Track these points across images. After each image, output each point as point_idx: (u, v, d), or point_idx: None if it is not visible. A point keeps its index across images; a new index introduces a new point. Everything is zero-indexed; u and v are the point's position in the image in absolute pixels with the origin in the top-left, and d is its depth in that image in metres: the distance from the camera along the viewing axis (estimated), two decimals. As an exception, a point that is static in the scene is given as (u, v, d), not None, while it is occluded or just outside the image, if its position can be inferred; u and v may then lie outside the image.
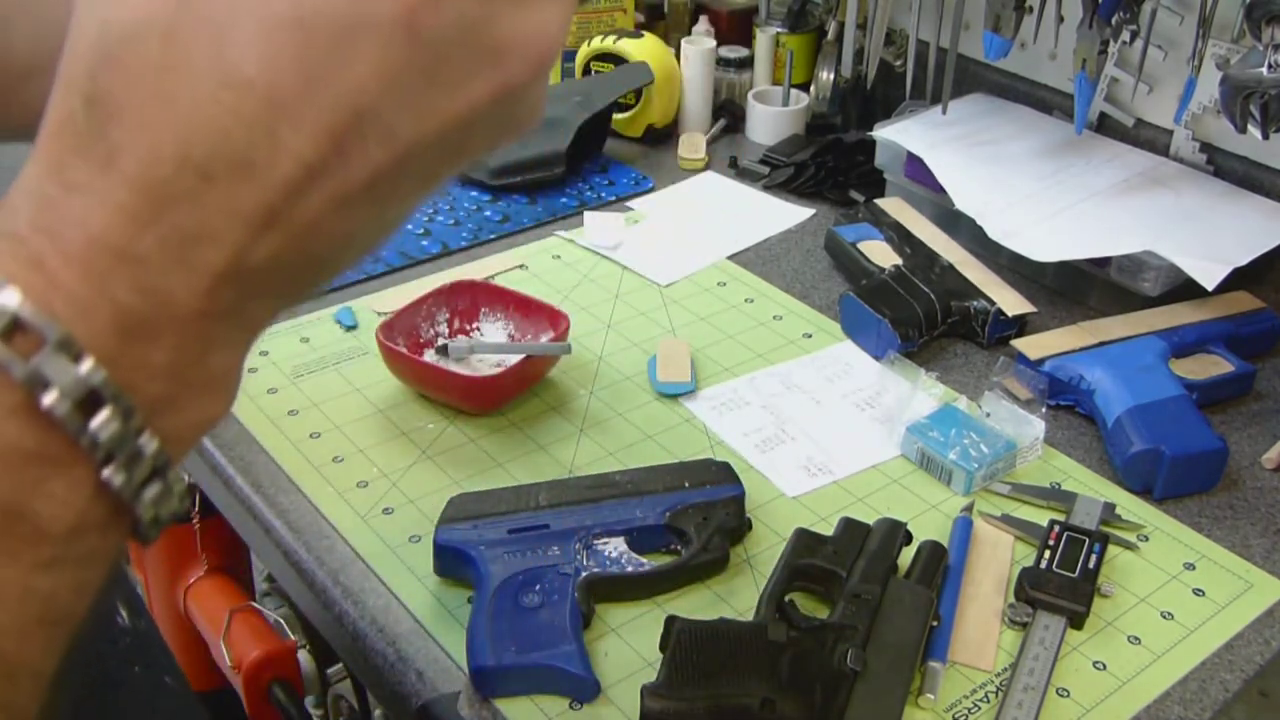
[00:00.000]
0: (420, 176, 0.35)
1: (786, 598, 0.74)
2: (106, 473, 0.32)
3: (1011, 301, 1.04)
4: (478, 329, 1.01)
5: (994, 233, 1.07)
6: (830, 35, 1.44)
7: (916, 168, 1.18)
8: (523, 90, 0.34)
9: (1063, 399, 0.97)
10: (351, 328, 1.05)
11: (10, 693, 0.32)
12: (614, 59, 1.39)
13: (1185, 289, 1.02)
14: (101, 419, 0.31)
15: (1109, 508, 0.85)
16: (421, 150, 0.33)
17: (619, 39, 1.39)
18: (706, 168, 1.36)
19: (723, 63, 1.46)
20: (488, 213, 1.24)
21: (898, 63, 1.36)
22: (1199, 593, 0.80)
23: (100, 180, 0.31)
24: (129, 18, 0.31)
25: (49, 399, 0.30)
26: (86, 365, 0.31)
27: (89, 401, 0.31)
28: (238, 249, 0.32)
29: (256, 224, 0.32)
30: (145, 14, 0.31)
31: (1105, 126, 1.24)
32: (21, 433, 0.31)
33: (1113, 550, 0.82)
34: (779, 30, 1.45)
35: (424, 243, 1.18)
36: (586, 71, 1.41)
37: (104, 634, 0.67)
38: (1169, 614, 0.78)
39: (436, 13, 0.32)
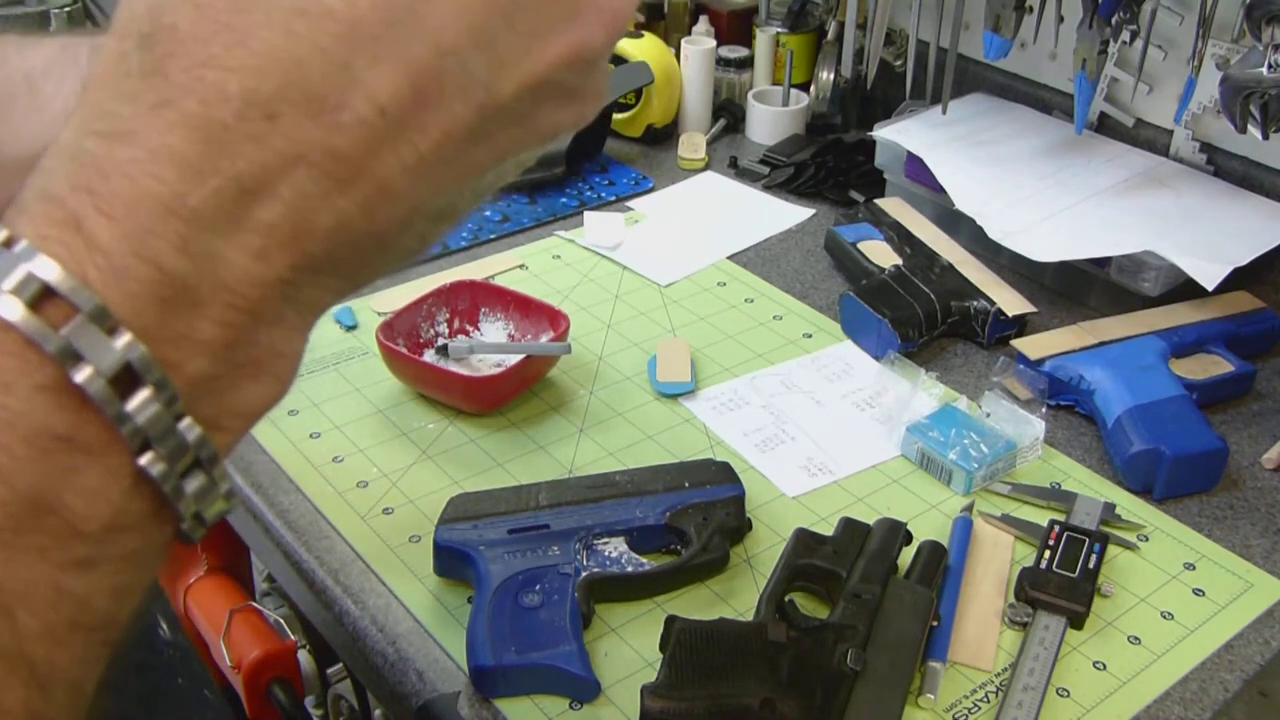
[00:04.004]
0: (490, 147, 0.33)
1: (786, 598, 0.74)
2: (144, 460, 0.29)
3: (1011, 301, 1.04)
4: (478, 329, 1.01)
5: (994, 233, 1.07)
6: (830, 35, 1.44)
7: (916, 168, 1.18)
8: (594, 55, 0.33)
9: (1063, 399, 0.96)
10: (351, 328, 1.05)
11: (42, 704, 0.29)
12: (614, 59, 1.39)
13: (1185, 289, 1.02)
14: (140, 399, 0.29)
15: (1109, 508, 0.85)
16: (496, 111, 0.32)
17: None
18: (706, 168, 1.36)
19: (723, 63, 1.46)
20: (487, 212, 1.24)
21: (898, 63, 1.36)
22: (1199, 593, 0.80)
23: (151, 125, 0.29)
24: None
25: (81, 375, 0.28)
26: (123, 339, 0.28)
27: (125, 379, 0.28)
28: (297, 204, 0.29)
29: (322, 175, 0.29)
30: None
31: (1105, 126, 1.24)
32: (51, 413, 0.28)
33: (1113, 550, 0.82)
34: (779, 30, 1.45)
35: (424, 243, 1.18)
36: (586, 71, 1.41)
37: (148, 645, 0.67)
38: (1169, 614, 0.78)
39: None
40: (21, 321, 0.28)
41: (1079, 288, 1.11)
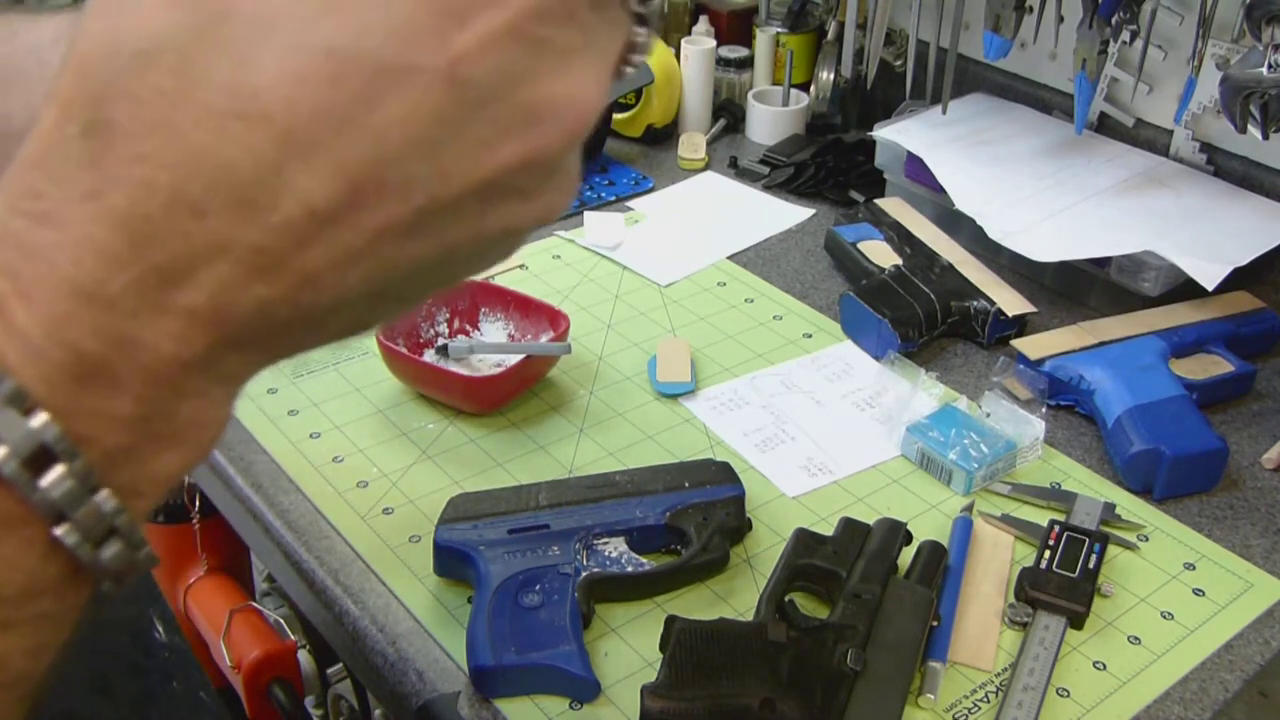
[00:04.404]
0: (433, 242, 0.32)
1: (786, 598, 0.74)
2: (58, 532, 0.30)
3: (1011, 301, 1.04)
4: (478, 329, 1.01)
5: (994, 233, 1.07)
6: (830, 35, 1.44)
7: (916, 168, 1.18)
8: (552, 161, 0.32)
9: (1063, 399, 0.96)
10: (351, 328, 1.05)
11: None
12: (614, 59, 1.39)
13: (1185, 289, 1.02)
14: (53, 477, 0.29)
15: (1109, 508, 0.85)
16: (438, 211, 0.31)
17: (619, 39, 1.39)
18: (706, 168, 1.36)
19: (723, 63, 1.46)
20: (488, 213, 1.24)
21: (898, 63, 1.36)
22: (1199, 593, 0.80)
23: (78, 213, 0.29)
24: (146, 32, 0.29)
25: None
26: (39, 420, 0.29)
27: (41, 456, 0.29)
28: (219, 292, 0.29)
29: (245, 267, 0.29)
30: (165, 28, 0.29)
31: (1105, 126, 1.24)
32: None
33: (1113, 550, 0.82)
34: (779, 30, 1.45)
35: (424, 243, 1.18)
36: (586, 71, 1.41)
37: (143, 648, 0.66)
38: (1169, 614, 0.78)
39: (480, 63, 0.29)
40: None
41: (1079, 288, 1.11)
